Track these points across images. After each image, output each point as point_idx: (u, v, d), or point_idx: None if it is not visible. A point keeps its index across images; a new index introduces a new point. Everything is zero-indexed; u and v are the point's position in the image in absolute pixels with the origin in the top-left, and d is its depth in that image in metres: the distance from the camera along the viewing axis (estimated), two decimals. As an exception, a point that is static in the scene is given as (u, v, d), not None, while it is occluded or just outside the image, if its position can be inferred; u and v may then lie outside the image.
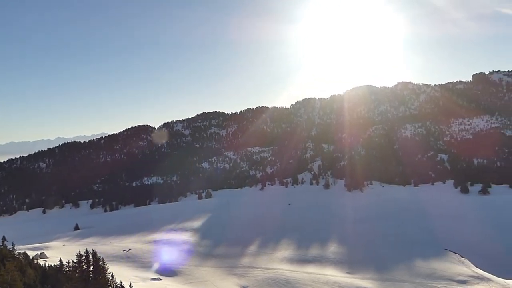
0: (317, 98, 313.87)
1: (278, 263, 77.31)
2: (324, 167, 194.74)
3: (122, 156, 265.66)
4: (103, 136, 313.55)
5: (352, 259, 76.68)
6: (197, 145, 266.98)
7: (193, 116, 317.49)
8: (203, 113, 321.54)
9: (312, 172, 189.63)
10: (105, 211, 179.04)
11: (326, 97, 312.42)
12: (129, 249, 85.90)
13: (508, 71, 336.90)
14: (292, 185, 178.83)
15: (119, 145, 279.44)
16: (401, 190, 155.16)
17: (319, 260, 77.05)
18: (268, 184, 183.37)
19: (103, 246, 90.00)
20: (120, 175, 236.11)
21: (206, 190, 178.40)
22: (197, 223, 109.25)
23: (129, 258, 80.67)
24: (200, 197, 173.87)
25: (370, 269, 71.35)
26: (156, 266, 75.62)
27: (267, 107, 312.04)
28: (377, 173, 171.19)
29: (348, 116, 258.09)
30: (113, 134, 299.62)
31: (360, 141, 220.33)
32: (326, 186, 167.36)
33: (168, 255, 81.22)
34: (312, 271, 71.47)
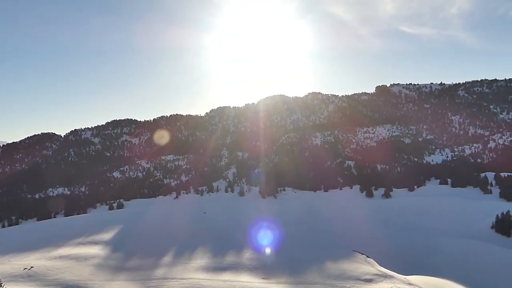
0: (231, 107, 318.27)
1: (193, 272, 76.10)
2: (239, 174, 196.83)
3: (23, 166, 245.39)
4: (1, 145, 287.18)
5: (267, 264, 77.83)
6: (108, 154, 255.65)
7: (104, 124, 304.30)
8: (114, 121, 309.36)
9: (227, 180, 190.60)
10: (3, 226, 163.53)
11: (240, 106, 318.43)
12: (31, 267, 78.84)
13: (407, 84, 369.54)
14: (207, 193, 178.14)
15: (20, 155, 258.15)
16: (312, 196, 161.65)
17: (235, 267, 77.21)
18: (183, 192, 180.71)
19: (0, 266, 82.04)
20: (21, 187, 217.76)
21: (117, 201, 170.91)
22: (108, 235, 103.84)
23: (30, 277, 74.06)
24: (111, 208, 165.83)
25: (284, 273, 72.93)
26: (62, 283, 70.44)
27: (182, 115, 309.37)
28: (290, 179, 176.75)
29: (262, 125, 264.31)
30: (13, 142, 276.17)
31: (274, 149, 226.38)
32: (241, 193, 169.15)
33: (77, 271, 76.16)
34: (228, 278, 71.30)
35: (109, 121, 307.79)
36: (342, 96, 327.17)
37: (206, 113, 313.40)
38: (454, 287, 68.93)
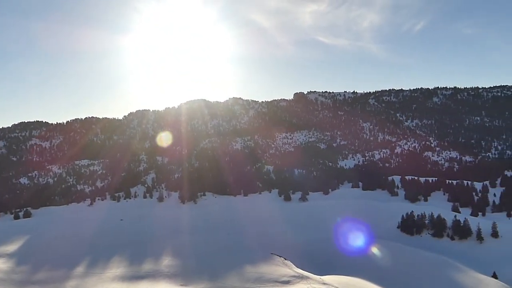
0: (151, 110, 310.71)
1: (109, 282, 73.35)
2: (158, 180, 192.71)
3: None
4: None
5: (186, 270, 77.32)
6: (14, 159, 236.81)
7: (10, 126, 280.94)
8: (22, 123, 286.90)
9: (146, 185, 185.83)
10: None
11: (160, 109, 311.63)
12: None
13: (323, 91, 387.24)
14: (125, 199, 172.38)
15: None
16: (232, 200, 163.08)
17: (153, 275, 75.74)
18: (99, 199, 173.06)
19: None
20: None
21: (24, 209, 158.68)
22: (12, 247, 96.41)
23: None
24: (16, 217, 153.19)
25: (204, 279, 72.94)
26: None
27: (98, 117, 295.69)
28: (210, 184, 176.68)
29: (182, 129, 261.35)
30: None
31: (194, 153, 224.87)
32: (160, 199, 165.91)
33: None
34: (145, 287, 69.82)
35: (16, 123, 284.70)
36: (262, 102, 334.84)
37: (125, 116, 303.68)
38: (364, 284, 73.72)
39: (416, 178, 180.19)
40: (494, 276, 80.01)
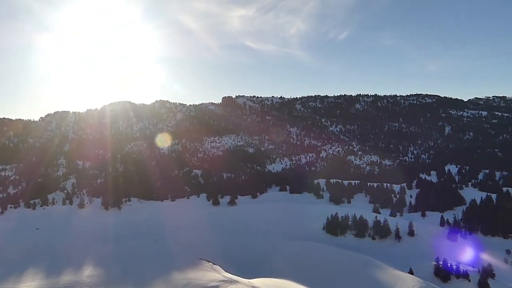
0: (71, 112, 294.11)
1: (22, 297, 67.48)
2: (79, 185, 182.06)
3: None
4: None
5: (109, 280, 73.24)
6: None
7: None
8: None
9: (65, 191, 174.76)
10: None
11: (82, 111, 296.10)
12: None
13: (251, 96, 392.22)
14: (41, 206, 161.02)
15: None
16: (159, 205, 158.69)
17: (73, 287, 70.82)
18: (11, 207, 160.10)
19: None
20: None
21: None
22: None
23: None
24: None
25: (129, 288, 69.71)
26: None
27: (11, 119, 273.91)
28: (136, 189, 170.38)
29: (106, 132, 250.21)
30: None
31: (119, 157, 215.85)
32: (81, 205, 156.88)
33: None
34: (64, 300, 65.09)
35: None
36: (190, 105, 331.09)
37: (41, 117, 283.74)
38: (291, 286, 74.60)
39: (340, 181, 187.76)
40: (411, 272, 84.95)
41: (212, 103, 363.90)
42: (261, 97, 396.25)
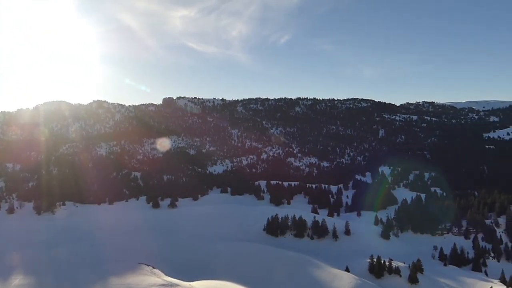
0: (0, 111, 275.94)
1: None
2: (8, 189, 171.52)
3: None
4: None
5: (42, 288, 70.40)
6: None
7: None
8: None
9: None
10: None
11: (11, 111, 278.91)
12: None
13: (192, 97, 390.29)
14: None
15: None
16: (95, 209, 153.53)
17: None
18: None
19: None
20: None
21: None
22: None
23: None
24: None
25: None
26: None
27: None
28: (71, 193, 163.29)
29: (38, 133, 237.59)
30: None
31: (53, 160, 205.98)
32: (10, 210, 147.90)
33: None
34: (-9, 311, 61.63)
35: None
36: (129, 106, 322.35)
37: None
38: (232, 287, 75.52)
39: (280, 182, 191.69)
40: (347, 269, 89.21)
41: (152, 104, 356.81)
42: (202, 98, 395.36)
